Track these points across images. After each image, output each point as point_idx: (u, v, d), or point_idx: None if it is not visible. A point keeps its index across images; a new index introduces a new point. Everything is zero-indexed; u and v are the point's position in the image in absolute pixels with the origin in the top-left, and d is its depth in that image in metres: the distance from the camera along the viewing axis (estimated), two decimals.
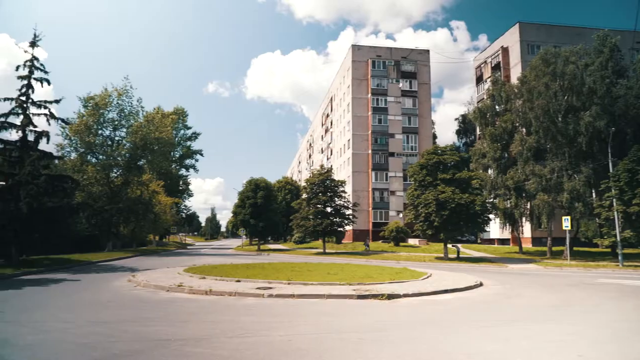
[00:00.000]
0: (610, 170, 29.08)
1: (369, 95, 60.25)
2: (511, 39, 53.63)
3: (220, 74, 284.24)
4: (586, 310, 10.93)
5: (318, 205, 43.45)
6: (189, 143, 71.71)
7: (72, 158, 36.79)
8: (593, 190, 33.49)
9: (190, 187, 76.42)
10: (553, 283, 17.54)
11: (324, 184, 43.90)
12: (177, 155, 69.43)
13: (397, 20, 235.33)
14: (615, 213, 27.83)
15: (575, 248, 35.95)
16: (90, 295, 12.55)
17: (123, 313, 9.63)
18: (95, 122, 36.04)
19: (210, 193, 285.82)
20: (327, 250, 43.79)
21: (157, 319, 8.99)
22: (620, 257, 27.78)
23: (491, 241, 53.74)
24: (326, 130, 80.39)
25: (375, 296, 12.13)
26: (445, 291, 13.71)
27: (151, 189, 43.45)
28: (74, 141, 35.52)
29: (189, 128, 71.84)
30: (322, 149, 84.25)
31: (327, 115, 79.74)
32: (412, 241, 50.63)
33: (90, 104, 35.68)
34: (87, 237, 38.25)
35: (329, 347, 6.58)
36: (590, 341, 7.45)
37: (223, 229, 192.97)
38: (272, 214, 52.15)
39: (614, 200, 27.91)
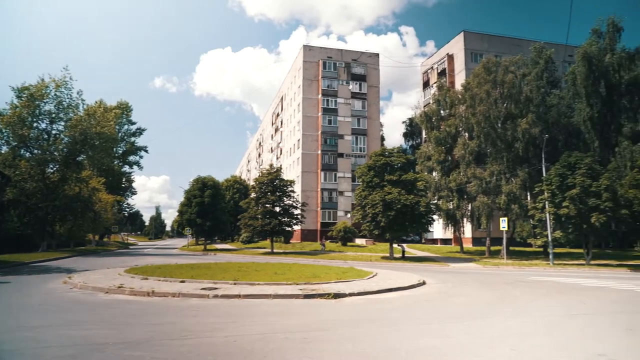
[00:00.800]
0: (544, 175, 30.92)
1: (320, 95, 60.63)
2: (456, 46, 55.79)
3: (167, 68, 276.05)
4: (520, 307, 11.57)
5: (267, 205, 43.20)
6: (133, 139, 69.01)
7: (3, 152, 34.40)
8: (528, 193, 35.50)
9: (133, 184, 73.59)
10: (491, 281, 18.43)
11: (273, 184, 43.71)
12: (120, 152, 66.60)
13: (348, 23, 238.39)
14: (547, 215, 29.63)
15: (511, 248, 37.92)
16: (21, 298, 11.79)
17: (57, 317, 9.12)
18: (30, 114, 33.81)
19: (155, 191, 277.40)
20: (275, 250, 43.62)
21: (94, 322, 8.58)
22: (551, 256, 29.63)
23: (434, 241, 55.63)
24: (276, 130, 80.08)
25: (321, 295, 12.23)
26: (390, 290, 14.05)
27: (91, 186, 41.40)
28: (5, 134, 33.19)
29: (134, 123, 69.19)
30: (271, 148, 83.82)
31: (278, 115, 79.45)
32: (359, 241, 51.45)
33: (24, 95, 33.41)
34: (19, 236, 35.94)
35: (274, 347, 6.56)
36: (522, 335, 7.91)
37: (168, 228, 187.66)
38: (219, 213, 51.26)
39: (546, 202, 29.69)
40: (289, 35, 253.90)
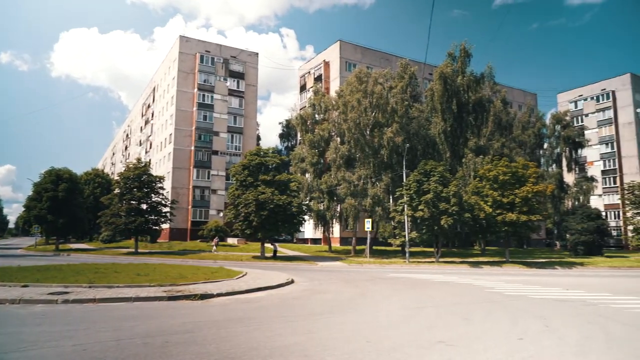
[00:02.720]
0: (404, 180, 33.86)
1: (195, 90, 58.47)
2: (333, 54, 58.26)
3: (17, 42, 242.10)
4: (378, 302, 12.51)
5: (132, 202, 40.32)
6: None
7: None
8: (391, 197, 38.54)
9: None
10: (354, 278, 19.62)
11: (140, 179, 40.95)
12: None
13: (229, 18, 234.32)
14: (406, 217, 32.49)
15: (374, 247, 40.77)
16: None
17: None
18: None
19: None
20: (139, 250, 40.89)
21: None
22: (407, 255, 32.53)
23: (305, 241, 57.29)
24: (146, 122, 75.24)
25: (187, 297, 11.85)
26: (259, 289, 14.16)
27: None
28: None
29: None
30: (140, 141, 78.52)
31: (149, 106, 74.73)
32: (231, 240, 50.77)
33: None
34: None
35: (130, 354, 6.17)
36: (377, 328, 8.59)
37: (12, 225, 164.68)
38: (76, 209, 46.36)
39: (405, 206, 32.56)
40: (165, 22, 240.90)
